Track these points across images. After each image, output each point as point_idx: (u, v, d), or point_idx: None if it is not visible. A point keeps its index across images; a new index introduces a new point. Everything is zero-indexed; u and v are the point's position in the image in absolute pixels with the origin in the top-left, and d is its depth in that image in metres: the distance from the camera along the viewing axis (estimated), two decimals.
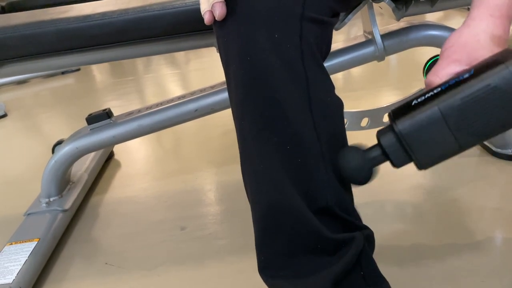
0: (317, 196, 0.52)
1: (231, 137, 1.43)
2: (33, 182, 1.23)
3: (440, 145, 0.47)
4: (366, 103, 1.50)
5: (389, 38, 0.91)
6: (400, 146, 0.47)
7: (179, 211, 1.08)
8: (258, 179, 0.53)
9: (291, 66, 0.50)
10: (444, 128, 0.46)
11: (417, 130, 0.46)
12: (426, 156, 0.47)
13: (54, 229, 0.98)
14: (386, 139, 0.48)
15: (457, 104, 0.45)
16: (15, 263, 0.86)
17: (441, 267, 0.77)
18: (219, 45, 0.55)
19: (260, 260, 0.55)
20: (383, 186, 1.01)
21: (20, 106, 2.20)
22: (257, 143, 0.52)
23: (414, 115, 0.46)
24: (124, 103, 1.98)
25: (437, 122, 0.46)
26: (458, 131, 0.46)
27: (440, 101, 0.46)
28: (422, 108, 0.46)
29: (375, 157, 0.49)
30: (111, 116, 1.02)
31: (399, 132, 0.47)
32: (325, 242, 0.52)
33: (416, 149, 0.47)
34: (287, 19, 0.51)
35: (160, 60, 2.69)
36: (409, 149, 0.47)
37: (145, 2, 0.85)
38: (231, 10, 0.52)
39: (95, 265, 0.93)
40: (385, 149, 0.48)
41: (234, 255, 0.89)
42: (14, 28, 0.85)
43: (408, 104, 0.48)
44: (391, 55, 0.95)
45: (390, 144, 0.48)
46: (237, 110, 0.53)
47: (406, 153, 0.48)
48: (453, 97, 0.45)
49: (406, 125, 0.47)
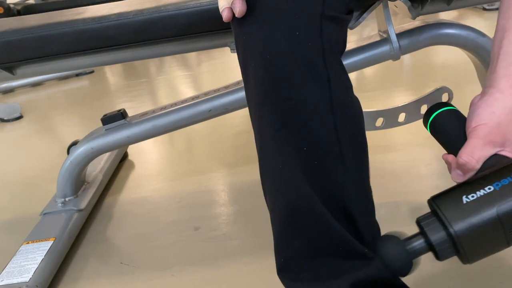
0: (336, 199, 0.51)
1: (243, 138, 1.43)
2: (49, 182, 1.24)
3: (491, 244, 0.47)
4: (380, 104, 1.49)
5: (405, 37, 0.90)
6: (451, 244, 0.47)
7: (192, 212, 1.08)
8: (276, 180, 0.52)
9: (313, 65, 0.50)
10: (499, 231, 0.46)
11: (474, 234, 0.46)
12: (476, 255, 0.48)
13: (70, 229, 0.99)
14: (436, 235, 0.48)
15: None
16: (31, 262, 0.87)
17: (457, 269, 0.76)
18: (237, 43, 0.55)
19: (279, 262, 0.54)
20: (398, 187, 1.00)
21: (36, 108, 2.23)
22: (276, 143, 0.51)
23: (471, 217, 0.46)
24: (137, 105, 2.00)
25: (494, 226, 0.46)
26: (511, 231, 0.46)
27: (497, 203, 0.45)
28: (479, 211, 0.46)
29: (418, 249, 0.49)
30: (126, 116, 1.02)
31: (455, 235, 0.46)
32: (346, 245, 0.51)
33: (469, 250, 0.47)
34: (307, 18, 0.50)
35: (172, 62, 2.70)
36: (461, 250, 0.47)
37: (160, 2, 0.85)
38: (250, 8, 0.51)
39: (110, 264, 0.93)
40: (434, 245, 0.48)
41: (247, 255, 0.88)
42: (30, 29, 0.86)
43: (457, 198, 0.47)
44: (404, 55, 0.94)
45: (441, 242, 0.47)
46: (256, 109, 0.53)
47: (455, 250, 0.47)
48: (510, 202, 0.45)
49: (464, 228, 0.46)
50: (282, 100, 0.50)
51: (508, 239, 0.46)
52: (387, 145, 1.19)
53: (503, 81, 0.49)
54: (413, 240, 0.49)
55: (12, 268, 0.87)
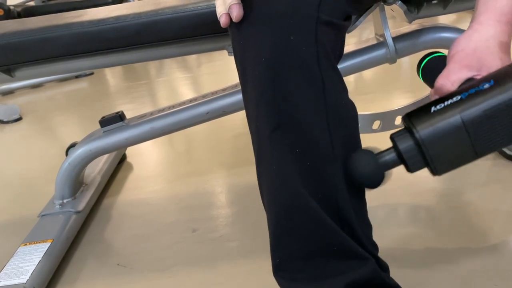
0: (329, 199, 0.52)
1: (242, 140, 1.44)
2: (47, 184, 1.24)
3: (457, 153, 0.47)
4: (378, 106, 1.50)
5: (401, 40, 0.91)
6: (419, 152, 0.47)
7: (190, 213, 1.08)
8: (273, 180, 0.53)
9: (307, 68, 0.51)
10: (464, 138, 0.46)
11: (438, 137, 0.46)
12: (443, 163, 0.48)
13: (68, 230, 1.00)
14: (404, 144, 0.48)
15: (479, 115, 0.45)
16: (29, 264, 0.87)
17: (454, 271, 0.76)
18: (234, 47, 0.56)
19: (275, 262, 0.55)
20: (395, 190, 1.00)
21: (35, 109, 2.24)
22: (272, 144, 0.52)
23: (436, 123, 0.46)
24: (136, 107, 2.00)
25: (458, 131, 0.46)
26: (477, 140, 0.46)
27: (462, 110, 0.46)
28: (444, 116, 0.46)
29: (389, 161, 0.49)
30: (124, 118, 1.03)
31: (420, 138, 0.47)
32: (341, 245, 0.52)
33: (435, 156, 0.47)
34: (303, 22, 0.51)
35: (172, 64, 2.71)
36: (428, 156, 0.47)
37: (158, 6, 0.86)
38: (247, 12, 0.52)
39: (107, 266, 0.93)
40: (403, 154, 0.48)
41: (245, 257, 0.89)
42: (30, 31, 0.86)
43: (426, 109, 0.48)
44: (402, 58, 0.95)
45: (408, 150, 0.48)
46: (253, 111, 0.53)
47: (423, 159, 0.48)
48: (475, 108, 0.45)
49: (428, 132, 0.47)
50: (277, 101, 0.51)
51: (476, 149, 0.46)
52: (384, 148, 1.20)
53: (482, 15, 0.51)
54: (385, 153, 0.50)
55: (9, 269, 0.87)
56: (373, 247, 0.56)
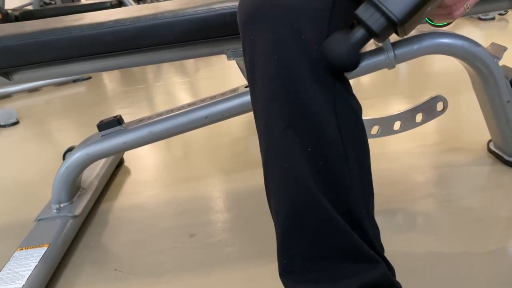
0: (341, 200, 0.51)
1: (240, 145, 1.44)
2: (44, 188, 1.24)
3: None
4: (376, 111, 1.50)
5: (400, 46, 0.91)
6: (376, 9, 0.48)
7: (188, 218, 1.08)
8: (282, 178, 0.52)
9: (318, 67, 0.51)
10: None
11: None
12: (403, 10, 0.48)
13: (64, 235, 0.99)
14: (366, 12, 0.49)
15: None
16: (25, 269, 0.87)
17: (453, 277, 0.76)
18: (244, 45, 0.55)
19: (282, 263, 0.53)
20: (395, 195, 1.00)
21: (32, 113, 2.23)
22: (282, 142, 0.51)
23: None
24: (134, 111, 2.00)
25: None
26: None
27: None
28: None
29: (359, 37, 0.50)
30: (122, 122, 1.02)
31: None
32: (353, 247, 0.50)
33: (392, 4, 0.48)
34: (316, 19, 0.51)
35: (170, 69, 2.71)
36: (380, 4, 0.48)
37: (157, 10, 0.86)
38: (258, 7, 0.52)
39: (104, 271, 0.93)
40: (366, 22, 0.49)
41: (243, 262, 0.88)
42: (28, 35, 0.86)
43: None
44: (401, 63, 0.95)
45: (370, 15, 0.49)
46: (263, 109, 0.53)
47: (381, 13, 0.48)
48: None
49: None
50: (288, 99, 0.51)
51: None
52: (383, 153, 1.20)
53: None
54: (354, 31, 0.50)
55: (5, 274, 0.86)
56: (382, 250, 0.56)
